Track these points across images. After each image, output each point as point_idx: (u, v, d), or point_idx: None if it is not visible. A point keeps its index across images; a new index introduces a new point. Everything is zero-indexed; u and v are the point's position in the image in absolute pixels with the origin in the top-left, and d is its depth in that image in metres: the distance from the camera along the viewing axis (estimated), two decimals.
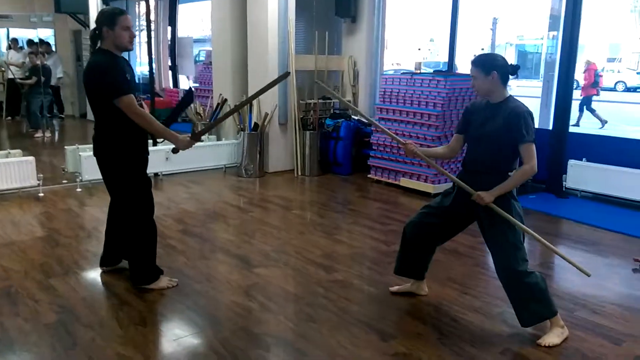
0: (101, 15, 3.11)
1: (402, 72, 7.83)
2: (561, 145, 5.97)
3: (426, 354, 2.71)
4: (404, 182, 6.09)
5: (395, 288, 3.41)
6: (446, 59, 7.24)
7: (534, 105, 7.69)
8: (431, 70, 7.30)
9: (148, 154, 3.33)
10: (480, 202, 2.85)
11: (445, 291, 3.46)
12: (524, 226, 2.88)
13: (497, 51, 21.37)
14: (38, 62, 9.25)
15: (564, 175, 5.90)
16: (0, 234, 4.37)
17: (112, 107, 3.02)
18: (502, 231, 2.86)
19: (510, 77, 2.92)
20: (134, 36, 3.17)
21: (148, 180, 3.34)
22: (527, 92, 12.19)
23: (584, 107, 12.18)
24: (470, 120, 3.01)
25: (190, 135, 3.26)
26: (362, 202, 5.74)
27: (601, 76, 13.53)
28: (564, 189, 5.92)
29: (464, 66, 7.82)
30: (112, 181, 3.25)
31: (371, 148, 6.46)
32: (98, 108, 3.12)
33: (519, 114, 2.80)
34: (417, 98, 5.94)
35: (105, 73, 3.00)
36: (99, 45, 3.12)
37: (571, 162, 5.86)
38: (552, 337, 2.83)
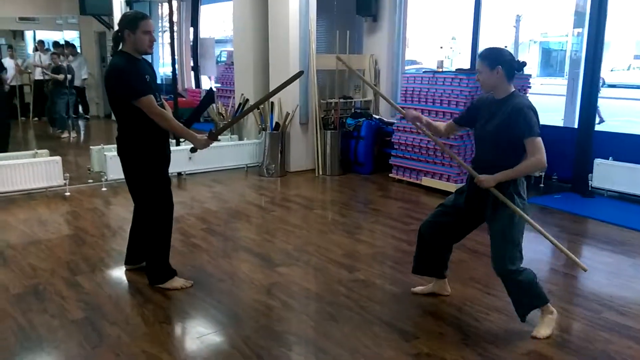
0: (124, 19, 3.17)
1: (423, 70, 7.79)
2: (587, 143, 5.87)
3: (449, 354, 2.69)
4: (426, 181, 6.05)
5: (417, 289, 3.39)
6: (469, 57, 7.18)
7: (559, 104, 7.57)
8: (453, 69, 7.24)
9: (170, 152, 3.40)
10: (481, 185, 2.83)
11: (468, 291, 3.43)
12: (526, 215, 2.84)
13: (520, 49, 21.10)
14: (62, 62, 9.43)
15: (590, 175, 5.80)
16: (28, 233, 4.47)
17: (131, 108, 3.09)
18: (502, 227, 2.85)
19: (516, 73, 2.87)
20: (154, 40, 3.22)
21: (168, 179, 3.41)
22: (551, 90, 12.02)
23: None
24: (475, 117, 2.99)
25: (208, 134, 3.28)
26: (383, 202, 5.72)
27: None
28: (589, 189, 5.82)
29: None
30: (134, 179, 3.31)
31: (392, 147, 6.44)
32: (118, 109, 3.19)
33: (520, 109, 2.74)
34: (440, 97, 5.89)
35: (123, 75, 3.08)
36: (120, 47, 3.18)
37: (597, 161, 5.76)
38: (544, 329, 2.86)
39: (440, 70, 6.55)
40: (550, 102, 9.67)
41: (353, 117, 7.08)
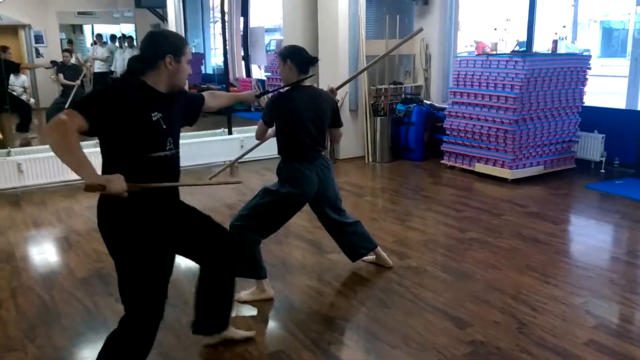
0: (164, 40, 2.20)
1: (476, 54, 7.58)
2: None
3: (504, 342, 2.65)
4: (479, 167, 5.92)
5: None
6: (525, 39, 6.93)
7: (621, 86, 7.22)
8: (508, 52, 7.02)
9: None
10: None
11: (525, 279, 3.36)
12: None
13: (579, 29, 20.16)
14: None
15: None
16: (91, 219, 4.68)
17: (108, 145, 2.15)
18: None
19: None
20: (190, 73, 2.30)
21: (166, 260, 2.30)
22: (613, 71, 11.46)
23: None
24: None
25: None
26: (435, 189, 5.65)
27: None
28: None
29: (543, 46, 7.45)
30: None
31: (444, 133, 6.33)
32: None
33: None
34: (494, 80, 5.73)
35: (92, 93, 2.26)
36: (139, 74, 2.18)
37: None
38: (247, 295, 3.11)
39: (494, 52, 6.36)
40: (611, 83, 9.23)
41: (403, 102, 7.00)
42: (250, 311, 3.07)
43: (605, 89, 9.97)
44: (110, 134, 2.07)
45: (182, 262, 3.73)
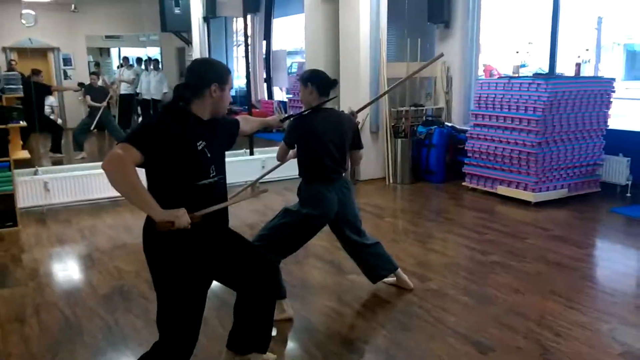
0: (209, 68, 2.24)
1: (498, 77, 7.57)
2: None
3: None
4: (502, 190, 5.86)
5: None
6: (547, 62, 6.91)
7: None
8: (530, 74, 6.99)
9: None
10: None
11: (549, 304, 3.29)
12: None
13: (603, 52, 20.00)
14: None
15: None
16: (114, 237, 4.75)
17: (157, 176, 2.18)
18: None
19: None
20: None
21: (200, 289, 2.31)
22: (637, 94, 11.32)
23: None
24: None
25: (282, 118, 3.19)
26: (456, 211, 5.60)
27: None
28: None
29: (566, 68, 7.41)
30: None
31: (466, 155, 6.29)
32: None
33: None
34: (516, 103, 5.70)
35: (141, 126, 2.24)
36: (183, 102, 2.20)
37: None
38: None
39: (517, 75, 6.34)
40: (636, 106, 9.10)
41: (424, 124, 7.00)
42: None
43: (630, 112, 9.83)
44: (159, 164, 2.10)
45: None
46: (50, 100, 11.99)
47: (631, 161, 5.82)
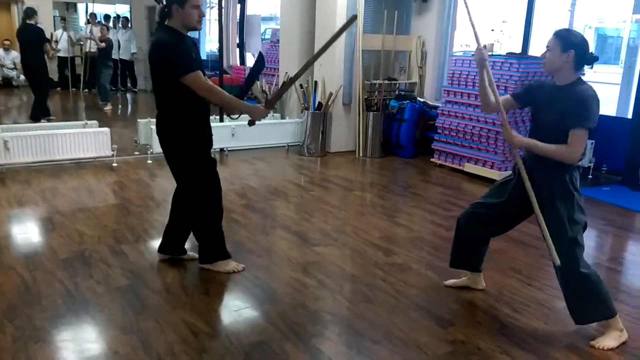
0: None
1: (472, 54, 7.58)
2: None
3: (485, 343, 2.66)
4: (469, 167, 5.94)
5: (450, 282, 3.29)
6: (520, 42, 6.94)
7: (612, 93, 7.27)
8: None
9: (211, 134, 3.23)
10: (511, 140, 2.72)
11: (508, 281, 3.37)
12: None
13: None
14: (109, 35, 9.71)
15: None
16: (76, 200, 4.63)
17: (174, 86, 2.94)
18: (562, 225, 2.68)
19: (586, 66, 2.71)
20: (203, 15, 3.04)
21: (212, 160, 3.23)
22: (605, 78, 11.51)
23: None
24: (533, 99, 2.84)
25: (264, 103, 3.26)
26: (424, 186, 5.65)
27: None
28: None
29: (538, 49, 7.46)
30: (176, 163, 3.14)
31: (436, 131, 6.33)
32: (161, 86, 3.06)
33: (585, 99, 2.58)
34: None
35: (170, 51, 2.92)
36: (166, 22, 3.01)
37: None
38: (609, 340, 2.68)
39: (490, 53, 6.36)
40: (604, 90, 9.27)
41: (397, 99, 6.99)
42: (233, 301, 3.06)
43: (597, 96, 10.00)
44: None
45: (172, 257, 3.70)
46: (12, 55, 11.51)
47: (595, 144, 5.96)
